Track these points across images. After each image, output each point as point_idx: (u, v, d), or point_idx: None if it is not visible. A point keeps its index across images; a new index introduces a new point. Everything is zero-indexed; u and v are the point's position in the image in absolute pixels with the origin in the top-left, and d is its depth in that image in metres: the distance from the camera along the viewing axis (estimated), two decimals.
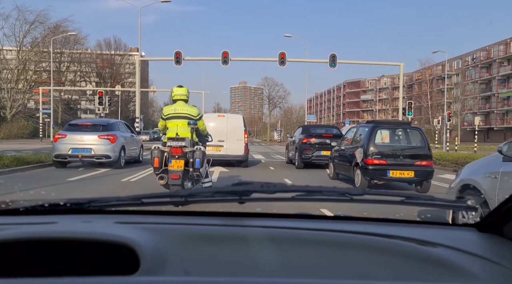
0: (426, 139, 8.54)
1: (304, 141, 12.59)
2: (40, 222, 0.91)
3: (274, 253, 0.81)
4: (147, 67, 69.34)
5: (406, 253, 0.82)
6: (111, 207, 1.01)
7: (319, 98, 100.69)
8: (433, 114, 49.72)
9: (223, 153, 11.93)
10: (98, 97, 25.01)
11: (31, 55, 45.02)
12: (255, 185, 0.94)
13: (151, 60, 46.29)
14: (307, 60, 28.92)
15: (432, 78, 57.95)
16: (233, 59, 21.65)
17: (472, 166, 4.39)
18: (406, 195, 0.99)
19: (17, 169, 10.03)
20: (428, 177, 8.18)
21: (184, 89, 6.16)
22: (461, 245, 0.87)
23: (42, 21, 44.15)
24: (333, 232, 0.91)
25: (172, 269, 0.73)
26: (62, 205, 0.96)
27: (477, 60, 56.68)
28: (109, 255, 0.79)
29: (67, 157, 10.88)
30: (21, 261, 0.80)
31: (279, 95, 73.32)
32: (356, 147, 8.60)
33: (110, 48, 60.46)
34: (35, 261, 0.80)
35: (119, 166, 11.07)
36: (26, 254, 0.80)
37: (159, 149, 5.76)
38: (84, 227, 0.86)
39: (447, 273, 0.76)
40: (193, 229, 0.90)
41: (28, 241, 0.79)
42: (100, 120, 13.27)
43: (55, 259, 0.81)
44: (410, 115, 23.21)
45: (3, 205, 0.98)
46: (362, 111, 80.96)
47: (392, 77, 71.74)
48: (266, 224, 0.94)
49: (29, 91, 45.52)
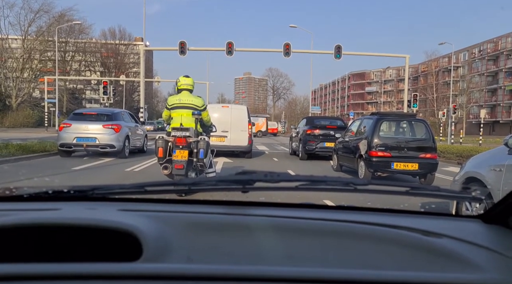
0: (431, 132, 8.50)
1: (308, 133, 12.57)
2: (44, 209, 0.91)
3: (277, 242, 0.81)
4: (152, 57, 69.27)
5: (410, 243, 0.82)
6: (115, 195, 1.01)
7: (324, 89, 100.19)
8: (439, 107, 49.40)
9: (227, 144, 11.94)
10: (103, 86, 25.01)
11: (36, 44, 44.99)
12: (259, 174, 0.94)
13: (156, 50, 46.26)
14: (312, 51, 28.70)
15: (438, 70, 57.44)
16: (237, 50, 21.54)
17: (477, 159, 4.36)
18: (411, 185, 0.99)
19: (22, 157, 10.09)
20: (432, 169, 8.16)
21: (190, 79, 6.14)
22: (466, 235, 0.87)
23: (47, 10, 44.09)
24: (337, 221, 0.91)
25: (175, 257, 0.73)
26: (66, 192, 0.97)
27: (484, 52, 56.06)
28: (112, 242, 0.79)
29: (72, 146, 10.95)
30: (25, 247, 0.80)
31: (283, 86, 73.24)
32: (360, 139, 8.57)
33: (115, 38, 60.45)
34: (39, 247, 0.81)
35: (123, 156, 11.12)
36: (30, 240, 0.80)
37: (164, 139, 5.77)
38: (88, 214, 0.87)
39: (452, 263, 0.76)
40: (196, 217, 0.90)
41: (32, 227, 0.79)
42: (104, 110, 13.30)
43: (58, 246, 0.81)
44: (415, 107, 23.06)
45: (7, 191, 0.99)
46: (366, 103, 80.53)
47: (398, 69, 71.19)
48: (269, 213, 0.94)
49: (34, 80, 45.58)
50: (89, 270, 0.68)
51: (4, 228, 0.77)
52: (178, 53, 20.82)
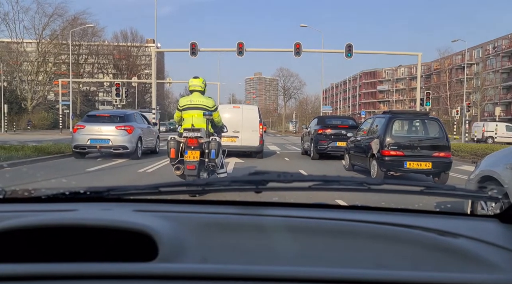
0: (444, 130, 8.38)
1: (320, 132, 12.51)
2: (61, 209, 0.93)
3: (290, 242, 0.81)
4: (163, 58, 69.75)
5: (425, 243, 0.81)
6: (130, 196, 1.03)
7: (335, 88, 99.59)
8: (452, 105, 48.70)
9: (238, 144, 11.96)
10: (116, 88, 25.30)
11: (50, 48, 45.68)
12: (272, 174, 0.94)
13: (167, 51, 46.61)
14: (322, 50, 28.57)
15: (451, 68, 56.61)
16: (248, 50, 21.55)
17: (492, 157, 4.29)
18: (426, 185, 0.98)
19: (38, 159, 10.27)
20: (446, 168, 8.05)
21: (200, 80, 6.17)
22: (483, 235, 0.85)
23: (61, 13, 44.71)
24: (351, 221, 0.90)
25: (190, 257, 0.73)
26: (82, 193, 0.98)
27: (499, 49, 55.03)
28: (127, 243, 0.80)
29: (86, 148, 11.10)
30: (43, 247, 0.82)
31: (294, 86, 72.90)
32: (372, 138, 8.50)
33: (127, 40, 60.99)
34: (56, 247, 0.82)
35: (136, 157, 11.22)
36: (48, 240, 0.82)
37: (175, 140, 5.81)
38: (104, 214, 0.88)
39: (469, 263, 0.75)
40: (210, 218, 0.91)
41: (50, 227, 0.81)
42: (117, 111, 13.45)
43: (75, 246, 0.83)
44: (428, 105, 22.77)
45: (26, 193, 1.01)
46: (378, 101, 79.79)
47: (410, 67, 70.35)
48: (282, 214, 0.94)
49: (49, 83, 46.29)
50: (105, 270, 0.69)
51: (23, 229, 0.79)
52: (189, 54, 20.95)
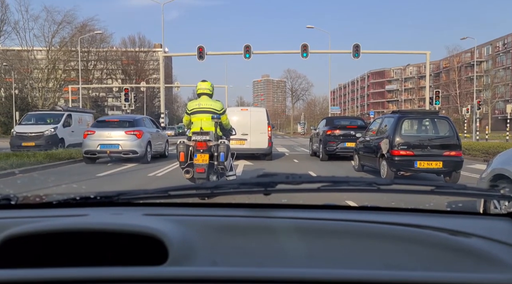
0: (454, 129, 8.29)
1: (328, 133, 12.47)
2: (72, 215, 0.94)
3: (300, 244, 0.81)
4: (171, 63, 70.18)
5: (437, 243, 0.80)
6: (139, 200, 1.03)
7: (343, 89, 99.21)
8: (462, 103, 48.16)
9: (247, 147, 11.97)
10: (124, 94, 25.46)
11: (60, 55, 46.24)
12: (281, 176, 0.94)
13: (175, 55, 46.86)
14: (330, 51, 28.48)
15: (460, 66, 56.05)
16: (255, 52, 21.59)
17: (505, 155, 4.23)
18: (437, 184, 0.97)
19: (49, 165, 10.38)
20: (457, 167, 7.96)
21: (207, 83, 6.20)
22: (496, 234, 0.84)
23: (70, 21, 45.22)
24: (360, 222, 0.90)
25: (200, 260, 0.74)
26: (92, 198, 0.99)
27: (509, 45, 54.35)
28: (138, 247, 0.81)
29: (96, 153, 11.21)
30: (55, 251, 0.82)
31: (302, 87, 72.87)
32: (382, 138, 8.44)
33: (135, 45, 61.58)
34: (68, 252, 0.83)
35: (145, 161, 11.30)
36: (59, 245, 0.83)
37: (185, 143, 5.84)
38: (114, 219, 0.88)
39: (482, 263, 0.74)
40: (219, 221, 0.91)
41: (61, 232, 0.82)
42: (126, 116, 13.57)
43: (86, 250, 0.84)
44: (437, 104, 22.53)
45: (38, 198, 1.02)
46: (387, 101, 79.28)
47: (418, 65, 69.81)
48: (292, 215, 0.94)
49: (59, 89, 46.85)
50: (116, 274, 0.70)
51: (35, 234, 0.80)
52: (196, 58, 21.05)
